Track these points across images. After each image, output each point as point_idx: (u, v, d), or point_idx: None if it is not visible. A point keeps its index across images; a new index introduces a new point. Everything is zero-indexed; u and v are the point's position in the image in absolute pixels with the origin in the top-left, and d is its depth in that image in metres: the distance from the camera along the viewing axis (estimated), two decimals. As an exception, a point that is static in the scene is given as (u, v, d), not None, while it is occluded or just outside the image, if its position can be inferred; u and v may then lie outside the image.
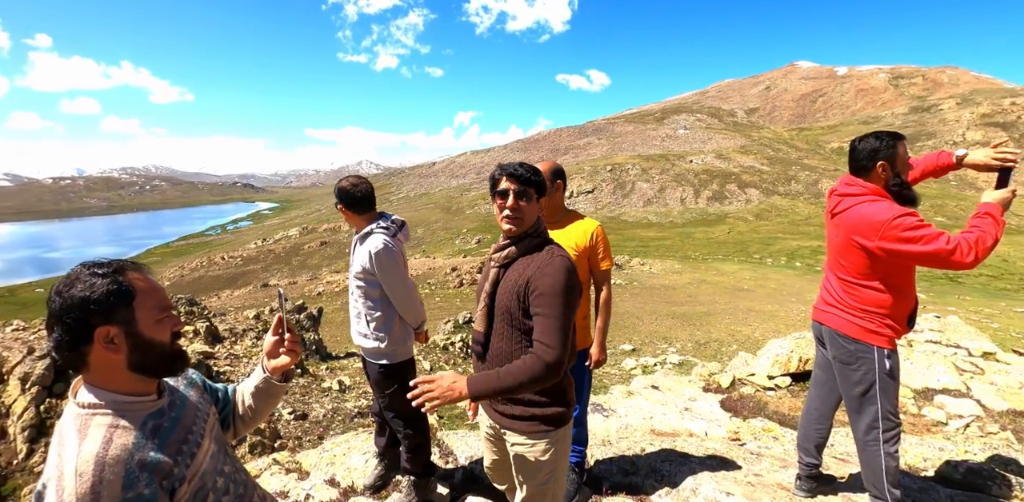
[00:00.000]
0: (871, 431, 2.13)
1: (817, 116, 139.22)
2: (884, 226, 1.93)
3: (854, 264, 2.10)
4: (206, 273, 50.94)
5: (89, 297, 0.96)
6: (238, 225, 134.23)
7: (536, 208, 1.66)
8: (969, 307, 19.49)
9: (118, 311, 0.98)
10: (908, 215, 1.92)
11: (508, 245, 1.66)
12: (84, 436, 0.94)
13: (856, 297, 2.13)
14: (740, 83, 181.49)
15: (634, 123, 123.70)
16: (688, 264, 34.51)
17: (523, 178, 1.61)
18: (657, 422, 4.81)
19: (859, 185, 2.11)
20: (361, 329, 2.38)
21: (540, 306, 1.52)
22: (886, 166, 2.08)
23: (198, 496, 1.07)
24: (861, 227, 2.01)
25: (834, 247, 2.21)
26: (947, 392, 4.95)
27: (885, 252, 1.96)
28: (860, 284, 2.11)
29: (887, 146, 2.07)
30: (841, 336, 2.16)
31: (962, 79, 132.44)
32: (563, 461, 1.72)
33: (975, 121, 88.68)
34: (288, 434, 6.18)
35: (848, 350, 2.14)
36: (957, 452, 3.14)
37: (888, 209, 1.97)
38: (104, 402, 0.99)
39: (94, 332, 0.97)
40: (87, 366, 1.00)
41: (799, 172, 77.48)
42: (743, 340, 13.65)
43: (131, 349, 1.01)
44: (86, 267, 1.00)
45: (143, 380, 1.05)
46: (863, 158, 2.12)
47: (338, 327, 17.72)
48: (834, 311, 2.22)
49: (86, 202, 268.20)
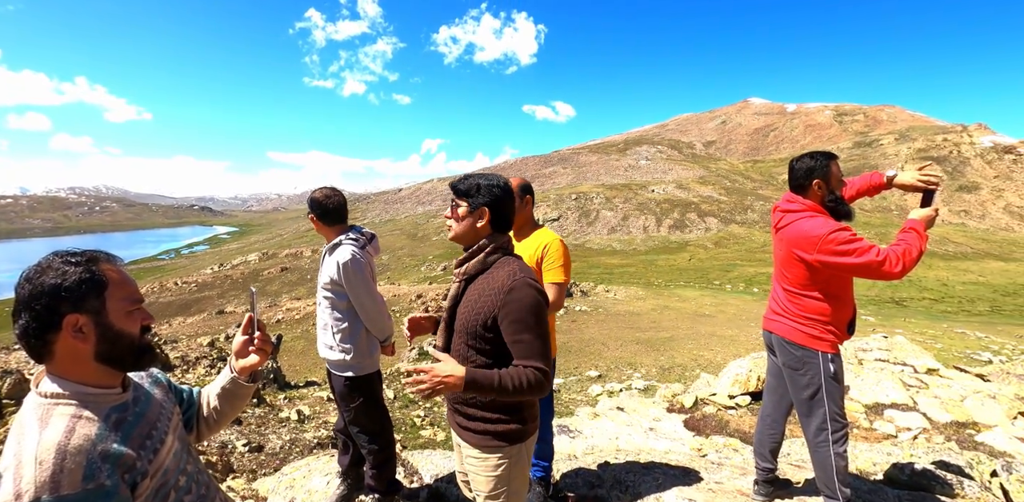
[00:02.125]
0: (821, 432, 2.23)
1: (770, 149, 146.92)
2: (821, 240, 2.06)
3: (796, 275, 2.23)
4: (157, 299, 48.48)
5: (60, 285, 0.95)
6: (193, 249, 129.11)
7: (470, 217, 1.67)
8: (914, 329, 20.53)
9: (88, 300, 0.98)
10: (842, 230, 2.08)
11: (467, 259, 1.69)
12: (45, 425, 0.92)
13: (800, 306, 2.25)
14: (698, 117, 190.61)
15: (598, 153, 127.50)
16: (651, 291, 35.18)
17: (455, 188, 1.70)
18: (623, 442, 4.83)
19: (799, 202, 2.26)
20: (327, 341, 2.35)
21: (518, 332, 1.54)
22: (821, 184, 2.23)
23: (160, 493, 1.04)
24: (800, 241, 2.15)
25: (778, 260, 2.35)
26: (896, 406, 5.18)
27: (822, 264, 2.10)
28: (803, 294, 2.24)
29: (821, 165, 2.25)
30: (788, 343, 2.28)
31: (899, 117, 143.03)
32: (519, 479, 1.71)
33: (912, 155, 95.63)
34: (242, 467, 5.86)
35: (795, 356, 2.25)
36: (903, 456, 3.30)
37: (824, 224, 2.10)
38: (68, 392, 0.98)
39: (63, 320, 0.96)
40: (52, 355, 0.98)
41: (754, 202, 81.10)
42: (706, 364, 13.90)
43: (99, 339, 1.00)
44: (59, 256, 1.00)
45: (109, 372, 1.04)
46: (800, 177, 2.28)
47: (298, 356, 17.11)
48: (781, 320, 2.34)
49: (28, 223, 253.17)
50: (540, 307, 1.56)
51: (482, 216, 1.66)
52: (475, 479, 1.70)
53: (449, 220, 1.71)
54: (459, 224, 1.68)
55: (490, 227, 1.67)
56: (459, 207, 1.68)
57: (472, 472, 1.70)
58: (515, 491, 1.71)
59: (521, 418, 1.66)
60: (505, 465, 1.65)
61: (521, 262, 1.67)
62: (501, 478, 1.66)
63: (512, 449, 1.65)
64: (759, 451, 2.56)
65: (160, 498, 1.05)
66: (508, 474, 1.66)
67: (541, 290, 1.59)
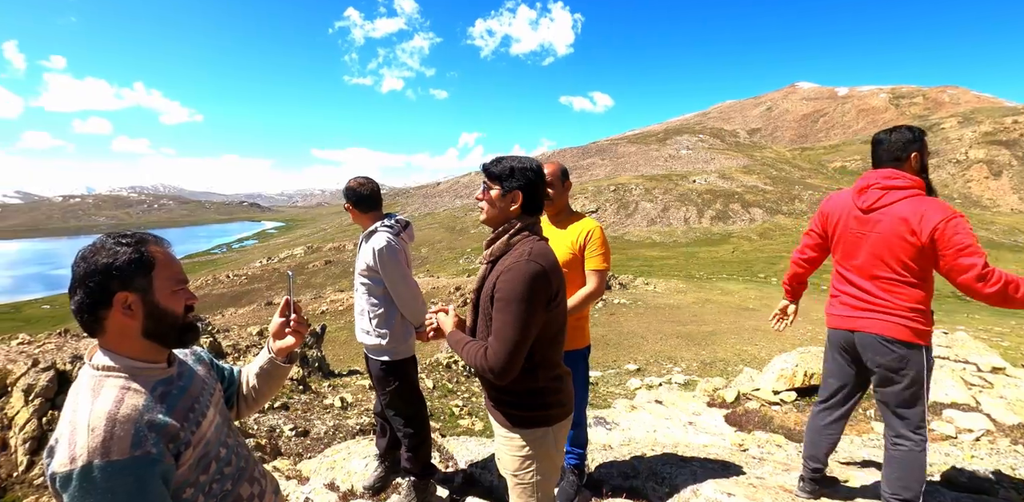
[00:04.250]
0: (919, 431, 2.04)
1: (819, 136, 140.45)
2: (944, 223, 1.86)
3: (900, 261, 1.97)
4: (211, 291, 51.05)
5: (112, 264, 1.01)
6: (244, 244, 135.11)
7: (502, 201, 1.66)
8: (978, 325, 19.29)
9: (137, 279, 1.04)
10: (962, 217, 1.89)
11: (493, 241, 1.70)
12: (97, 395, 0.98)
13: (903, 296, 2.00)
14: (741, 104, 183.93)
15: (637, 144, 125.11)
16: (692, 283, 34.39)
17: (488, 171, 1.68)
18: (660, 435, 4.75)
19: (904, 178, 2.01)
20: (364, 326, 2.42)
21: (496, 310, 1.54)
22: (918, 157, 2.04)
23: (202, 462, 1.09)
24: (915, 222, 1.91)
25: (870, 245, 2.05)
26: (956, 406, 4.88)
27: (932, 250, 1.90)
28: (907, 282, 1.99)
29: (919, 137, 2.05)
30: (891, 341, 2.02)
31: (963, 98, 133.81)
32: (546, 461, 1.71)
33: (977, 139, 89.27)
34: (289, 450, 6.13)
35: (898, 355, 2.01)
36: (963, 457, 3.10)
37: (944, 206, 1.91)
38: (118, 366, 1.04)
39: (113, 297, 1.02)
40: (104, 330, 1.04)
41: (802, 191, 77.80)
42: (749, 359, 13.50)
43: (146, 316, 1.05)
44: (111, 237, 1.05)
45: (155, 348, 1.09)
46: (897, 149, 2.05)
47: (341, 346, 17.67)
48: (876, 316, 2.05)
49: (94, 220, 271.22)
50: (529, 291, 1.48)
51: (515, 200, 1.65)
52: (502, 457, 1.75)
53: (481, 202, 1.70)
54: (492, 208, 1.68)
55: (521, 210, 1.66)
56: (491, 190, 1.67)
57: (499, 450, 1.75)
58: (543, 472, 1.72)
59: (544, 403, 1.67)
60: (530, 446, 1.67)
61: (541, 244, 1.63)
62: (526, 458, 1.68)
63: (537, 431, 1.67)
64: (811, 453, 2.38)
65: (202, 467, 1.10)
66: (534, 454, 1.68)
67: (541, 274, 1.51)
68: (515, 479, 1.72)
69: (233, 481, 1.17)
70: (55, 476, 0.89)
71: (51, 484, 0.91)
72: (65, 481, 0.89)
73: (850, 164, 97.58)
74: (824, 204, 2.30)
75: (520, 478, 1.70)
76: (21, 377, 5.60)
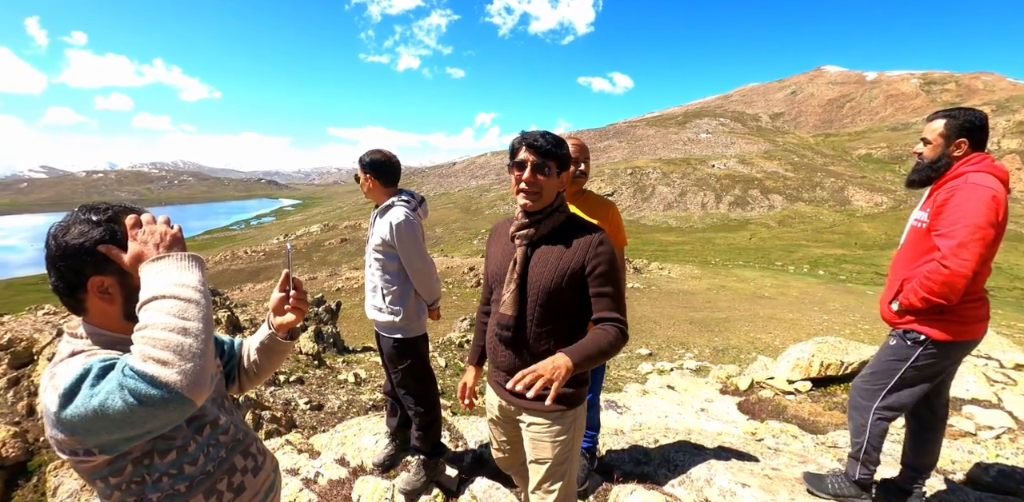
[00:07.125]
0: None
1: (844, 122, 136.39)
2: None
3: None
4: (229, 266, 51.93)
5: (82, 246, 0.92)
6: (261, 220, 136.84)
7: (556, 183, 1.54)
8: (1001, 321, 18.84)
9: (111, 262, 0.94)
10: None
11: (534, 223, 1.57)
12: (77, 351, 0.92)
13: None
14: (765, 87, 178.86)
15: (656, 126, 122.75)
16: (708, 269, 34.06)
17: (543, 149, 1.47)
18: (672, 421, 4.72)
19: None
20: (376, 303, 2.37)
21: (604, 286, 1.53)
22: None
23: (193, 424, 1.05)
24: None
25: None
26: (976, 402, 4.76)
27: None
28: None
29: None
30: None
31: (998, 85, 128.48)
32: (579, 441, 1.70)
33: (1012, 129, 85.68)
34: (304, 423, 6.26)
35: None
36: (988, 456, 3.01)
37: None
38: (102, 337, 0.98)
39: (88, 281, 0.94)
40: (87, 311, 0.98)
41: (824, 179, 75.92)
42: (763, 348, 13.38)
43: (126, 300, 0.97)
44: (83, 211, 0.96)
45: None
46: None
47: (356, 322, 17.89)
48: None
49: (116, 195, 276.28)
50: (621, 262, 1.66)
51: (564, 180, 1.59)
52: (540, 446, 1.65)
53: (523, 184, 1.52)
54: (549, 190, 1.54)
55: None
56: (546, 170, 1.51)
57: (537, 439, 1.65)
58: (575, 456, 1.70)
59: (579, 379, 1.63)
60: (570, 429, 1.63)
61: (593, 224, 1.63)
62: (566, 443, 1.64)
63: (575, 412, 1.64)
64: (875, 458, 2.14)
65: (194, 429, 1.06)
66: (572, 438, 1.64)
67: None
68: (552, 467, 1.65)
69: (227, 450, 1.13)
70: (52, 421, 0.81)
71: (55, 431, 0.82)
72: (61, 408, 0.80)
73: (875, 152, 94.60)
74: (1001, 189, 1.83)
75: (559, 463, 1.65)
76: (47, 346, 5.75)
